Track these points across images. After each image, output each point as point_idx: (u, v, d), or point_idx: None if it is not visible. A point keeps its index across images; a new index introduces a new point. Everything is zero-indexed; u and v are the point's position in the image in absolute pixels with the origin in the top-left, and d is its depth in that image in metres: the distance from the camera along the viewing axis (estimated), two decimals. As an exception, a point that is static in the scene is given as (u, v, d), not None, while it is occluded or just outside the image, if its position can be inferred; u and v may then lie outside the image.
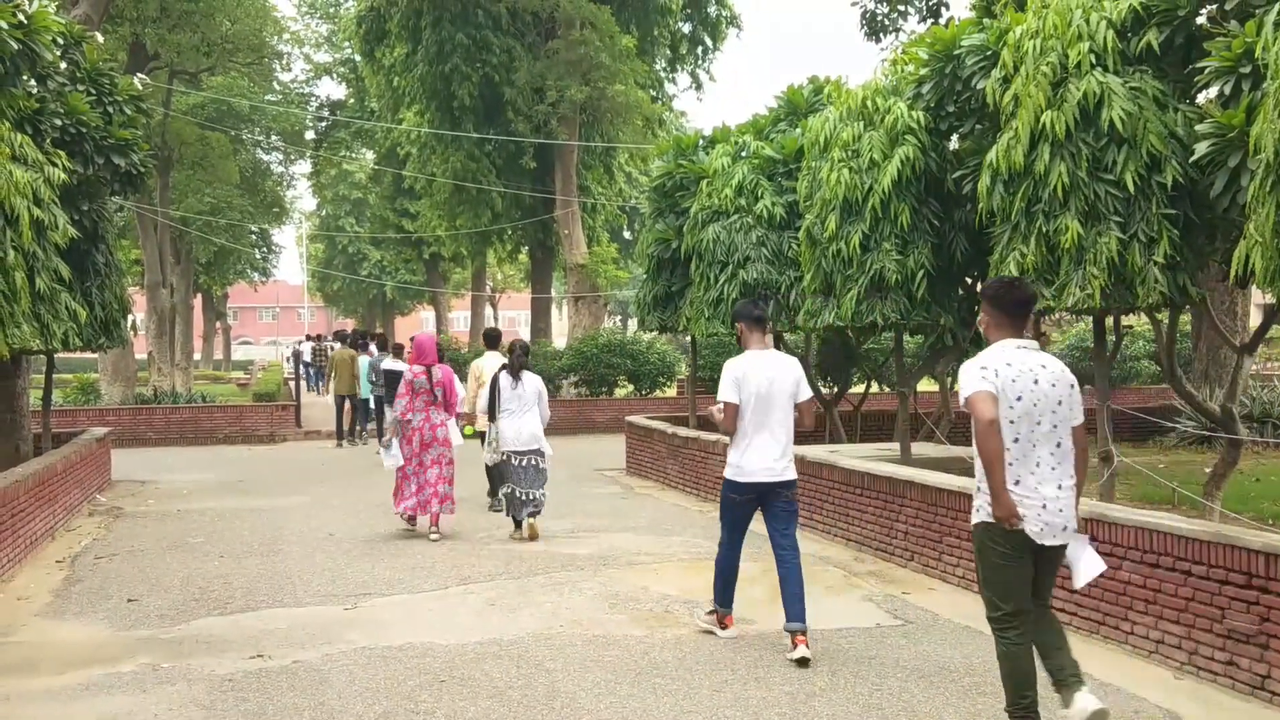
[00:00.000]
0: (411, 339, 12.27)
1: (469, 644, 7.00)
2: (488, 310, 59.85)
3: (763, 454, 6.92)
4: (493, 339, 13.15)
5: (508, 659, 6.67)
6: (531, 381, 10.80)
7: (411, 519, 11.21)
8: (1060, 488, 5.06)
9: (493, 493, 11.85)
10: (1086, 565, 5.18)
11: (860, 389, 17.66)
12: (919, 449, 12.09)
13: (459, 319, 71.67)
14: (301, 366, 33.33)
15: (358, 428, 21.71)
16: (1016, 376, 5.03)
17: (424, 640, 7.09)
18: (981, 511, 5.13)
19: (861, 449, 12.39)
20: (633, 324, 55.63)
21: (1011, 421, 5.00)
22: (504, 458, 10.63)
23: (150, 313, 31.41)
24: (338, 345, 27.05)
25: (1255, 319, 18.30)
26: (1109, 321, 9.72)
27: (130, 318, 14.13)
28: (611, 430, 22.62)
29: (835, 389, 16.29)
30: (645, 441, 15.80)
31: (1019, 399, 5.01)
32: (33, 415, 14.49)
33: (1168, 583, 6.39)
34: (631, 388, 25.83)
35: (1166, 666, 6.36)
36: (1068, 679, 5.07)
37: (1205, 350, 17.87)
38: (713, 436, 13.38)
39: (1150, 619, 6.53)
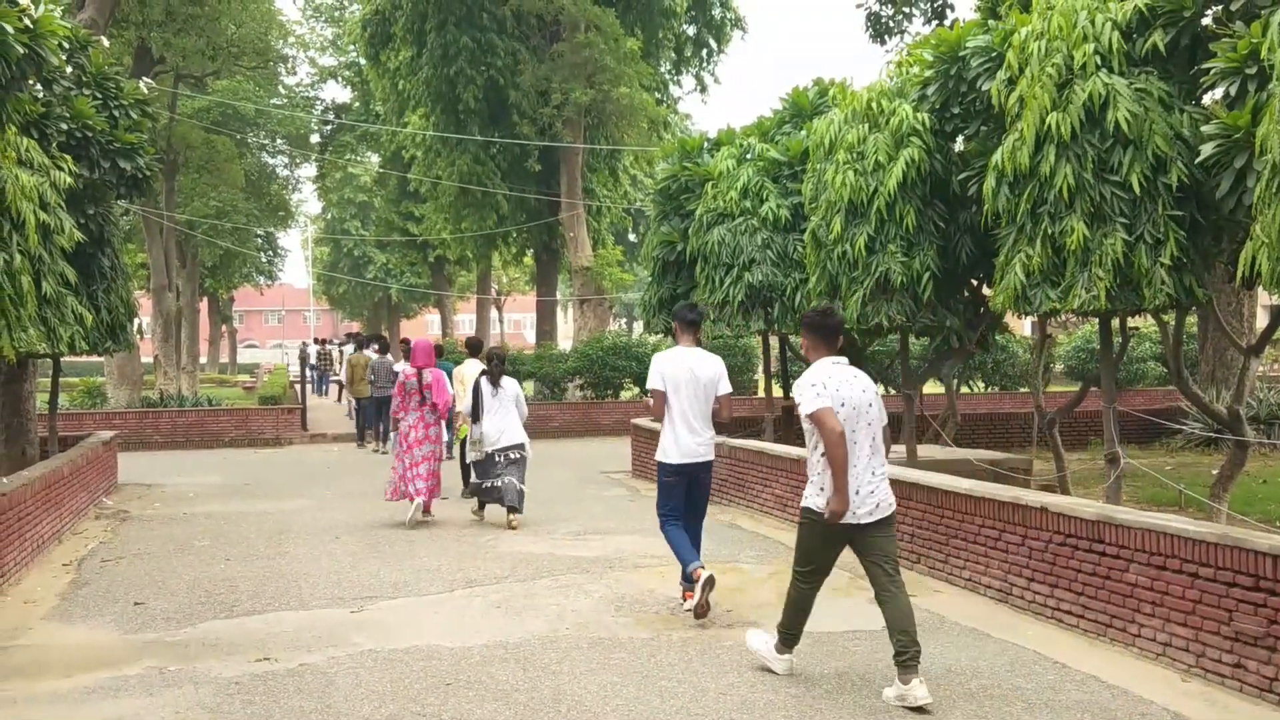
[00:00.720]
0: (404, 342, 12.76)
1: (475, 647, 7.00)
2: (493, 313, 59.91)
3: (687, 439, 7.78)
4: (474, 347, 14.20)
5: (514, 662, 6.66)
6: (510, 385, 11.74)
7: (412, 504, 11.79)
8: (874, 474, 6.11)
9: (466, 485, 12.68)
10: None
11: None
12: (925, 451, 12.08)
13: (464, 322, 71.68)
14: (307, 370, 33.37)
15: (367, 429, 21.74)
16: (839, 387, 6.08)
17: (430, 643, 7.09)
18: (812, 499, 6.17)
19: None
20: (638, 326, 55.62)
21: (844, 422, 5.99)
22: (487, 454, 11.53)
23: (156, 316, 31.47)
24: (351, 348, 27.15)
25: (1262, 320, 18.29)
26: (1115, 323, 9.71)
27: (136, 321, 14.14)
28: (617, 433, 22.61)
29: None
30: (650, 444, 15.75)
31: (843, 405, 6.04)
32: (39, 419, 14.52)
33: (1175, 585, 6.38)
34: (637, 390, 25.83)
35: (1174, 669, 6.34)
36: (907, 662, 5.84)
37: (1212, 352, 17.84)
38: (718, 439, 13.36)
39: (1158, 621, 6.51)
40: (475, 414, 11.60)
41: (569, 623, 7.58)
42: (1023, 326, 32.88)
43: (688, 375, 7.77)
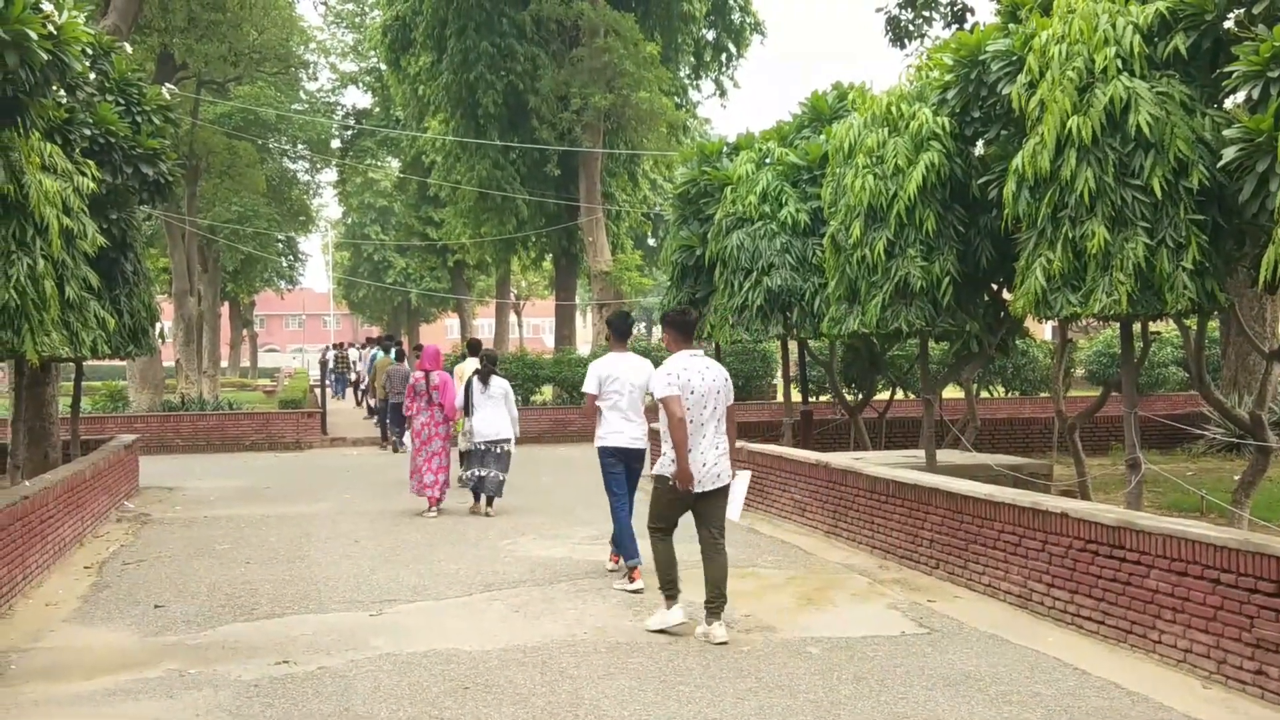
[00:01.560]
0: (416, 348, 13.35)
1: (493, 651, 7.01)
2: (512, 317, 60.01)
3: (622, 429, 8.84)
4: (474, 347, 15.36)
5: (532, 666, 6.67)
6: (498, 384, 12.74)
7: (432, 507, 12.82)
8: (717, 449, 7.30)
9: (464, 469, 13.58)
10: (736, 499, 7.81)
11: (885, 396, 17.61)
12: (944, 456, 12.04)
13: (484, 326, 71.84)
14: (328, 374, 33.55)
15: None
16: (690, 377, 7.24)
17: (448, 647, 7.10)
18: (663, 468, 7.34)
19: (887, 456, 12.35)
20: (656, 331, 55.61)
21: (689, 407, 7.19)
22: (476, 445, 12.63)
23: (178, 320, 31.65)
24: (379, 352, 27.33)
25: (1285, 325, 18.13)
26: (1136, 328, 9.66)
27: (158, 325, 14.22)
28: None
29: (860, 396, 16.23)
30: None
31: (693, 392, 7.22)
32: (61, 422, 14.61)
33: (1196, 591, 6.34)
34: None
35: (1195, 675, 6.30)
36: (714, 609, 7.17)
37: (1234, 357, 17.72)
38: (739, 443, 13.34)
39: (1178, 628, 6.47)
40: (467, 409, 12.75)
41: (587, 626, 7.59)
42: (1043, 331, 32.74)
43: (625, 378, 8.70)
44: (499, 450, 12.63)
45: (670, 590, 7.44)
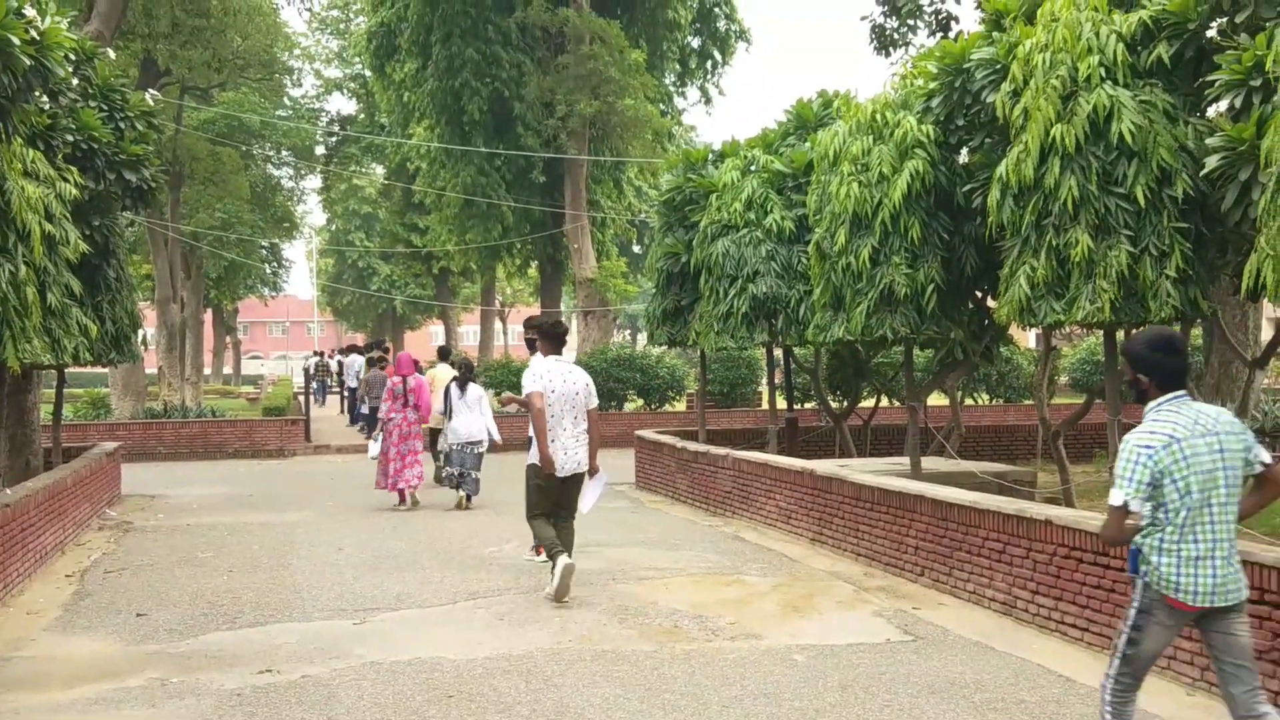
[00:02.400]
0: (386, 348, 15.22)
1: (477, 659, 6.98)
2: (497, 324, 59.94)
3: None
4: (444, 353, 16.91)
5: (516, 674, 6.65)
6: (474, 390, 14.04)
7: (403, 501, 14.18)
8: (576, 441, 8.66)
9: (439, 470, 14.87)
10: (589, 496, 8.96)
11: (870, 403, 17.62)
12: (929, 463, 12.05)
13: (468, 333, 71.75)
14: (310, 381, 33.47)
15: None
16: (553, 378, 8.65)
17: (432, 655, 7.07)
18: (533, 458, 8.63)
19: (872, 463, 12.36)
20: (642, 338, 55.62)
21: (550, 403, 8.53)
22: (455, 446, 13.91)
23: (160, 327, 31.51)
24: (359, 359, 27.40)
25: (1267, 333, 18.25)
26: (1120, 335, 9.69)
27: (141, 332, 14.14)
28: (621, 444, 22.54)
29: (845, 403, 16.25)
30: (655, 455, 15.79)
31: (554, 391, 8.57)
32: (43, 430, 14.52)
33: (1180, 598, 6.34)
34: (641, 402, 25.81)
35: (1179, 683, 6.31)
36: (565, 551, 8.61)
37: (1217, 364, 17.74)
38: (722, 451, 13.36)
39: (1163, 634, 6.47)
40: (446, 413, 14.07)
41: (572, 635, 7.57)
42: (1027, 338, 32.84)
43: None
44: (474, 451, 13.91)
45: (554, 552, 8.58)
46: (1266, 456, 4.55)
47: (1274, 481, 4.60)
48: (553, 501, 8.75)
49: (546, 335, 8.96)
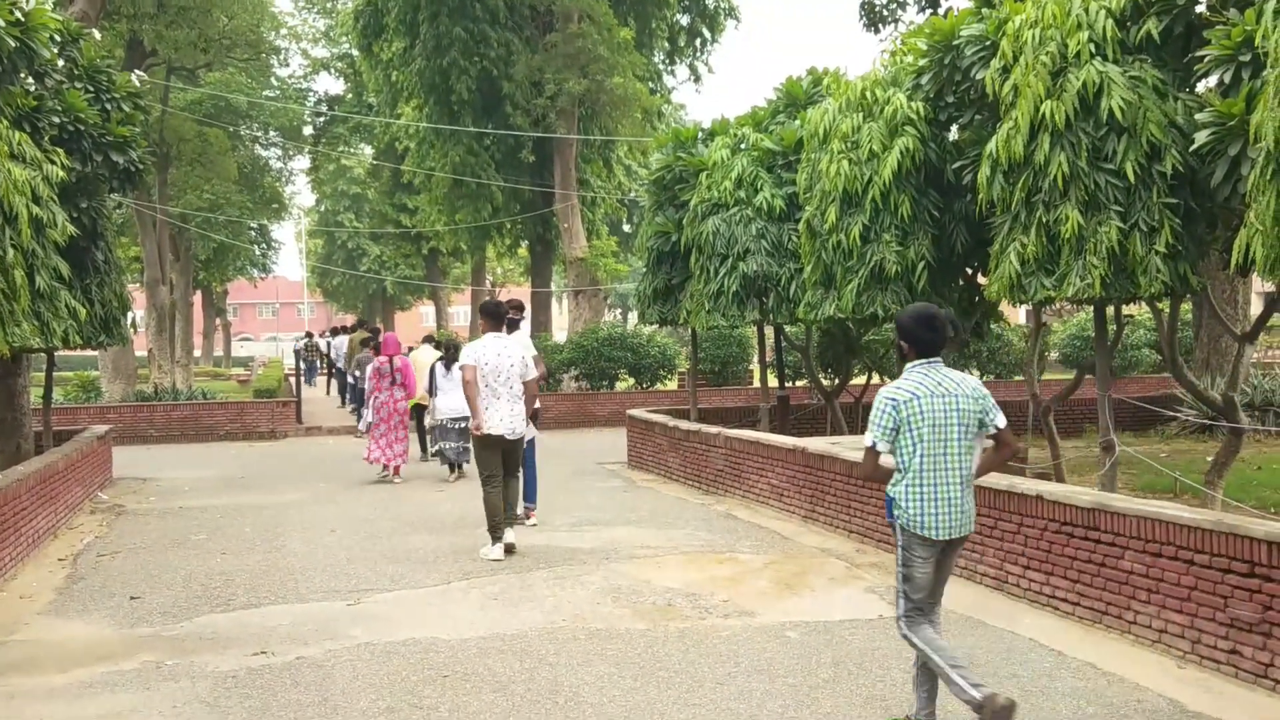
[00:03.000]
0: (378, 332, 18.06)
1: (472, 639, 7.00)
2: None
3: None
4: (428, 337, 18.26)
5: (511, 653, 6.67)
6: (459, 370, 14.51)
7: (386, 469, 15.08)
8: (512, 409, 9.62)
9: (424, 447, 16.87)
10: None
11: (861, 380, 17.66)
12: (920, 440, 12.06)
13: (459, 314, 71.63)
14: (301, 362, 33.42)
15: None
16: (486, 354, 9.62)
17: (427, 635, 7.09)
18: (476, 430, 9.53)
19: (863, 440, 12.37)
20: (633, 317, 55.59)
21: (485, 375, 9.54)
22: (441, 422, 14.78)
23: (150, 310, 31.40)
24: (342, 340, 27.43)
25: (1256, 307, 18.30)
26: (1110, 311, 9.72)
27: (130, 315, 14.11)
28: (613, 424, 22.62)
29: (836, 381, 16.28)
30: (646, 435, 15.80)
31: (487, 364, 9.56)
32: (34, 413, 14.48)
33: (1170, 572, 6.39)
34: (632, 381, 25.81)
35: (1170, 655, 6.36)
36: (510, 520, 9.69)
37: (1206, 339, 17.86)
38: (714, 429, 13.38)
39: (1153, 608, 6.53)
40: (431, 391, 14.80)
41: (566, 614, 7.59)
42: (1018, 315, 32.90)
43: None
44: (459, 426, 14.48)
45: (496, 534, 9.52)
46: (1001, 421, 5.29)
47: (1006, 443, 5.38)
48: (498, 462, 9.66)
49: (486, 313, 9.98)
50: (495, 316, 9.92)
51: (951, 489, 5.15)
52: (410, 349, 18.70)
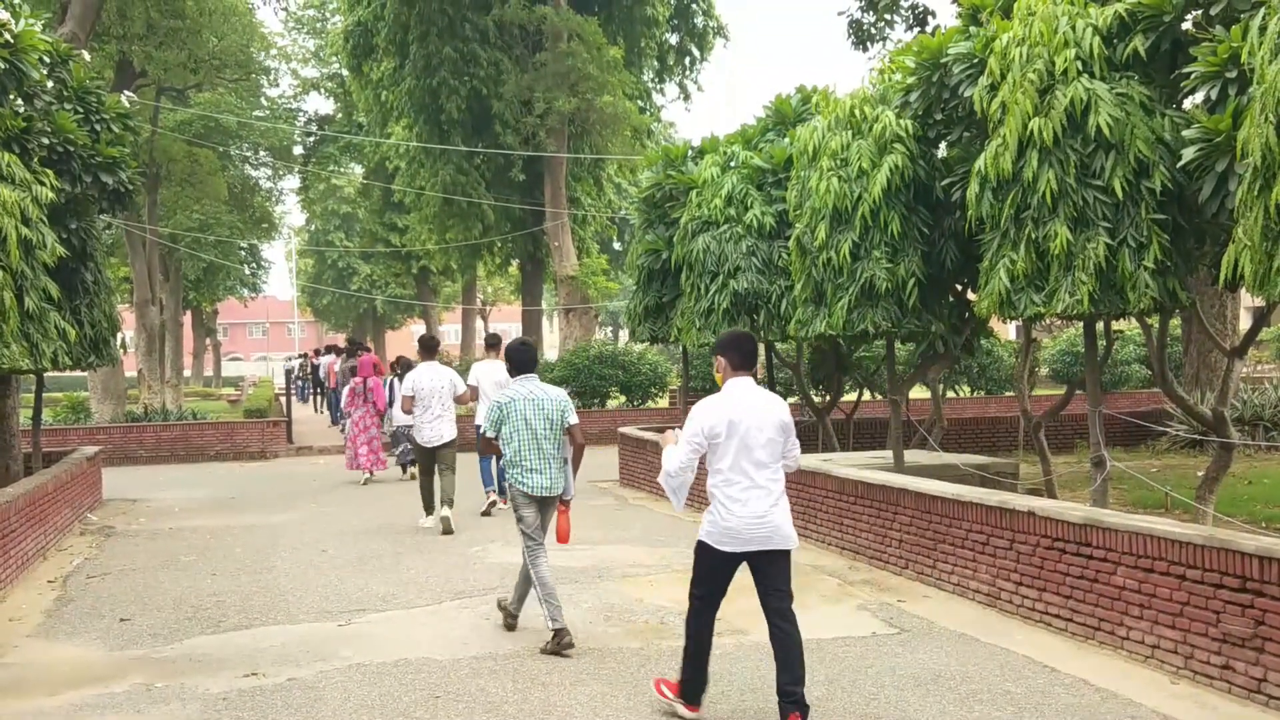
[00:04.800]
0: (358, 348, 21.60)
1: (464, 659, 6.98)
2: (478, 323, 59.84)
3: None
4: (429, 348, 17.88)
5: (503, 674, 6.65)
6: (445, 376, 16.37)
7: (369, 474, 17.23)
8: (441, 420, 12.29)
9: (404, 467, 17.82)
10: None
11: (852, 397, 17.67)
12: (912, 456, 12.09)
13: (450, 332, 71.56)
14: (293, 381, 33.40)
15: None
16: (421, 378, 12.28)
17: (419, 656, 7.06)
18: (414, 435, 12.39)
19: (855, 457, 12.39)
20: (624, 335, 55.60)
21: (420, 396, 12.20)
22: (397, 429, 17.32)
23: (140, 330, 31.33)
24: (335, 358, 27.53)
25: (1245, 322, 18.39)
26: (1099, 326, 9.74)
27: (120, 335, 14.05)
28: (604, 442, 22.54)
29: (828, 397, 16.28)
30: (638, 453, 15.78)
31: (422, 387, 12.20)
32: (23, 434, 14.43)
33: (1162, 587, 6.40)
34: (624, 399, 25.80)
35: (1163, 671, 6.36)
36: (446, 501, 11.96)
37: (1196, 354, 17.92)
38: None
39: (1146, 623, 6.53)
40: (390, 403, 17.25)
41: (558, 633, 7.56)
42: (1007, 331, 33.00)
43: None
44: (408, 433, 15.86)
45: (429, 509, 12.37)
46: (573, 419, 7.50)
47: (574, 437, 7.56)
48: (430, 461, 12.51)
49: (423, 346, 13.28)
50: (428, 349, 13.10)
51: (543, 462, 7.37)
52: (397, 360, 19.15)
